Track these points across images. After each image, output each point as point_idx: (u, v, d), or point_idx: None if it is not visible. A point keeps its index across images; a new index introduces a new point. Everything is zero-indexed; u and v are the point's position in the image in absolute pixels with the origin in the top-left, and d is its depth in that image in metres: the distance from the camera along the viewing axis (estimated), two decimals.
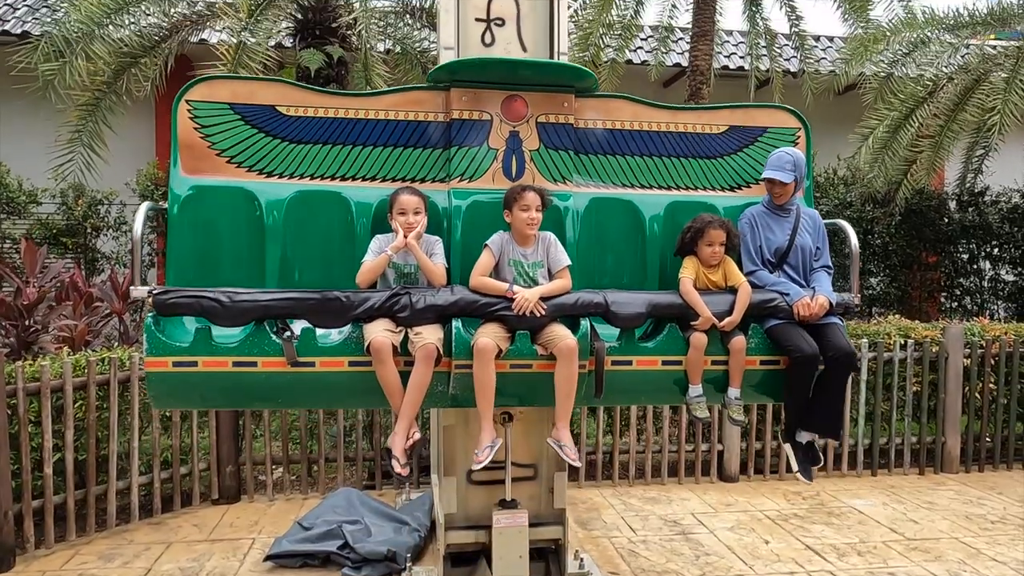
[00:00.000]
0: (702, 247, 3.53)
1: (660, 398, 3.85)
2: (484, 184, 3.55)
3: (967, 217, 10.79)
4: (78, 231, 8.99)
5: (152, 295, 3.08)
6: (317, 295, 3.17)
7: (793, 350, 3.42)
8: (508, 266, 3.36)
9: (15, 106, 9.24)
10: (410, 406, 3.16)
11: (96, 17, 6.96)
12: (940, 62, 9.71)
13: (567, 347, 3.15)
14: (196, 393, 3.27)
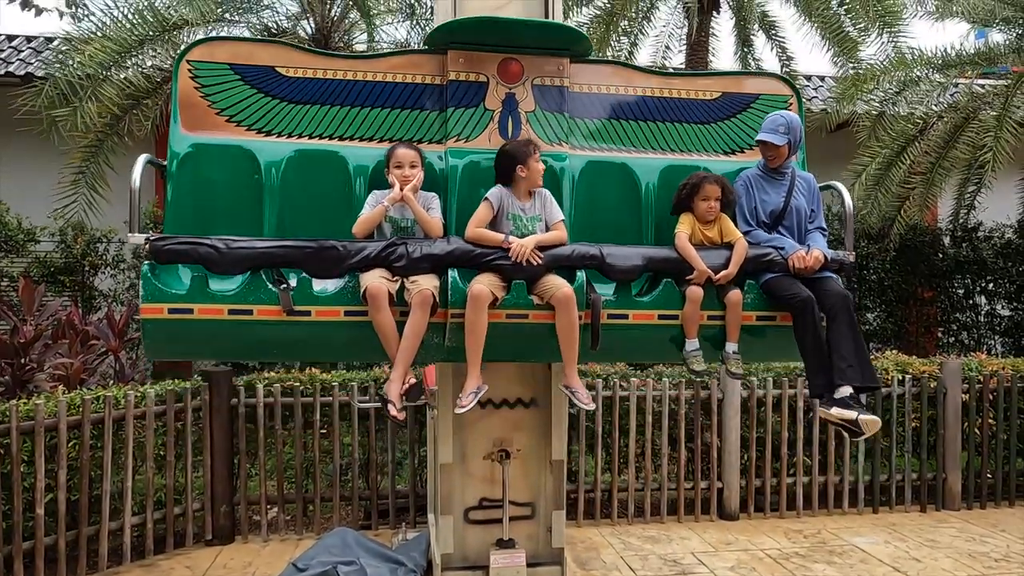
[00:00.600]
0: (698, 203, 3.56)
1: (657, 354, 3.84)
2: (480, 144, 3.59)
3: (961, 252, 10.86)
4: (76, 269, 9.00)
5: (149, 242, 3.09)
6: (313, 243, 3.19)
7: (790, 297, 3.42)
8: (506, 219, 3.40)
9: (16, 146, 9.34)
10: (406, 352, 3.13)
11: (105, 60, 7.07)
12: (930, 100, 9.88)
13: (564, 295, 3.18)
14: (191, 342, 3.26)
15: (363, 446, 5.85)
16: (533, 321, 3.28)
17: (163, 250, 3.09)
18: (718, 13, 8.91)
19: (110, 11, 7.21)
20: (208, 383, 5.53)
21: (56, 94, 7.20)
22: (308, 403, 5.73)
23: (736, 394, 6.20)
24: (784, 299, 3.44)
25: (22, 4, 10.13)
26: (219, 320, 3.13)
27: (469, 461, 3.97)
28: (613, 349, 3.50)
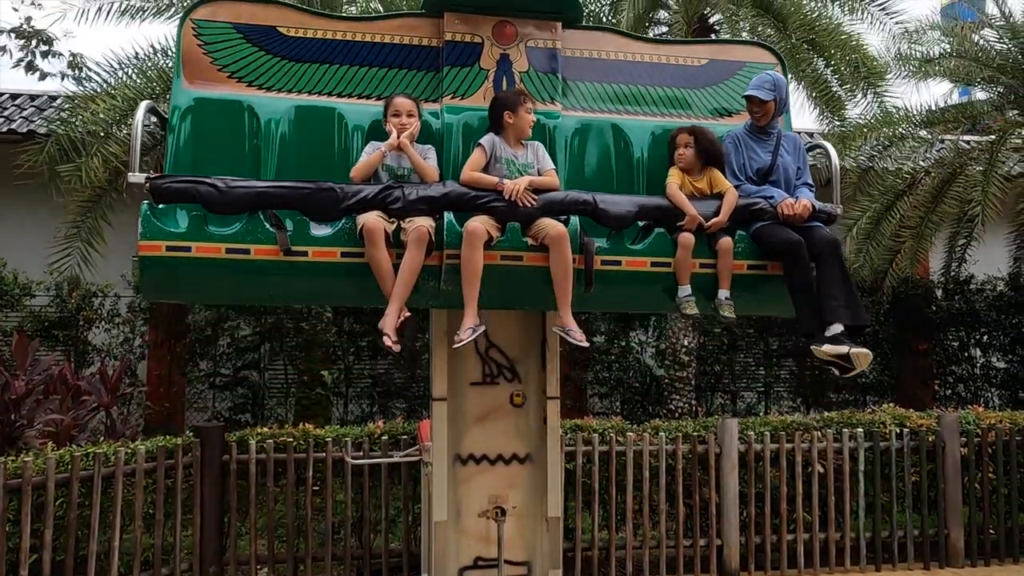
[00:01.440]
0: (675, 154, 3.73)
1: (650, 302, 3.87)
2: (475, 102, 3.73)
3: (954, 305, 10.93)
4: (71, 323, 8.99)
5: (149, 180, 3.14)
6: (311, 185, 3.25)
7: (781, 242, 3.52)
8: (499, 164, 3.51)
9: (14, 201, 9.41)
10: (401, 288, 3.20)
11: (108, 118, 7.20)
12: (917, 156, 10.07)
13: (558, 232, 3.27)
14: (188, 281, 3.29)
15: (356, 503, 5.75)
16: (527, 264, 3.37)
17: (162, 188, 3.15)
18: None
19: (114, 71, 7.35)
20: (200, 439, 5.46)
21: (57, 150, 7.30)
22: (301, 459, 5.65)
23: (734, 448, 6.14)
24: (774, 244, 3.54)
25: (27, 67, 10.38)
26: (216, 259, 3.18)
27: (464, 518, 3.91)
28: (607, 297, 3.58)
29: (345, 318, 9.62)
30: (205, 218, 3.21)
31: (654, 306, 3.96)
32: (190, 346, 9.48)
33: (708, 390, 10.48)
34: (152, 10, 7.57)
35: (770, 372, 10.87)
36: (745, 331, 10.49)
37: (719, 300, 3.55)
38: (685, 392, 8.63)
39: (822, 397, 10.59)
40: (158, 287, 3.36)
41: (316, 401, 8.25)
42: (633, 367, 10.28)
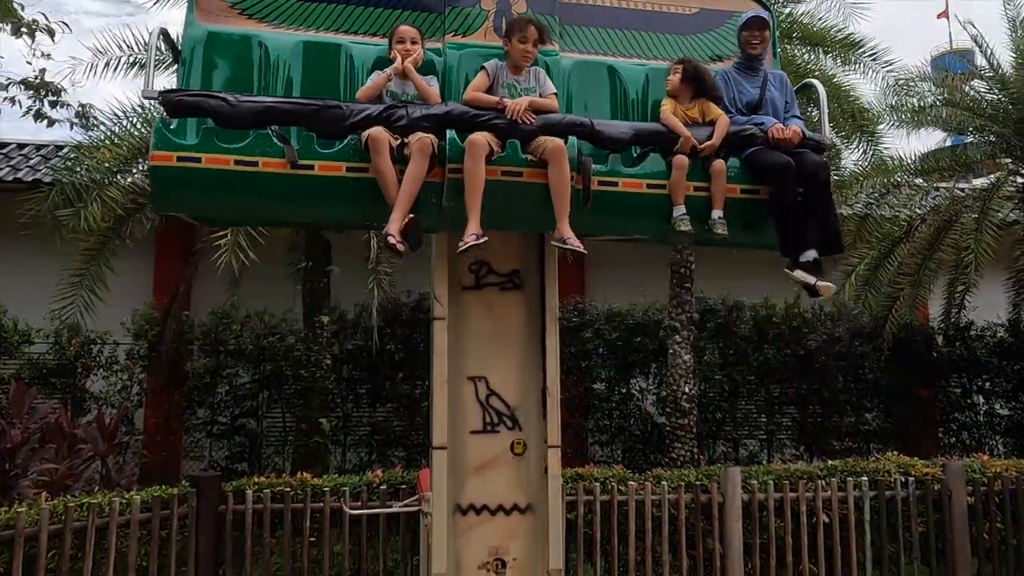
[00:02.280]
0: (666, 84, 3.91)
1: (647, 225, 3.88)
2: (477, 39, 3.92)
3: (955, 351, 10.90)
4: (69, 371, 8.95)
5: (163, 94, 3.27)
6: (318, 102, 3.39)
7: (771, 163, 3.66)
8: (501, 88, 3.65)
9: (17, 248, 9.47)
10: (405, 196, 3.29)
11: (112, 167, 7.29)
12: (913, 204, 10.18)
13: (556, 146, 3.41)
14: (197, 192, 3.36)
15: (354, 555, 5.65)
16: (527, 180, 3.48)
17: (175, 102, 3.28)
18: None
19: (119, 121, 7.47)
20: (196, 489, 5.39)
21: (61, 199, 7.37)
22: (298, 509, 5.57)
23: (737, 498, 6.05)
24: (765, 166, 3.68)
25: (35, 116, 10.54)
26: (225, 170, 3.28)
27: (464, 571, 3.84)
28: (604, 218, 3.71)
29: (344, 365, 9.59)
30: (215, 133, 3.32)
31: (651, 230, 4.00)
32: (188, 393, 9.42)
33: (710, 438, 10.37)
34: (159, 64, 7.73)
35: (772, 419, 10.78)
36: (746, 378, 10.44)
37: (713, 220, 3.68)
38: (687, 440, 8.55)
39: (825, 445, 10.47)
40: (168, 198, 3.46)
41: (314, 450, 8.16)
42: (634, 415, 10.20)
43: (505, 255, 4.17)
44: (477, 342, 4.10)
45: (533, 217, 3.59)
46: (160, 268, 10.36)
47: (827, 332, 10.63)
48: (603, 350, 10.14)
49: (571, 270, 9.42)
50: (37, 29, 8.76)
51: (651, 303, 10.24)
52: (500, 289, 4.17)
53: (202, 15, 3.76)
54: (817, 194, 3.69)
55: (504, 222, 3.70)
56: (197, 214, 3.90)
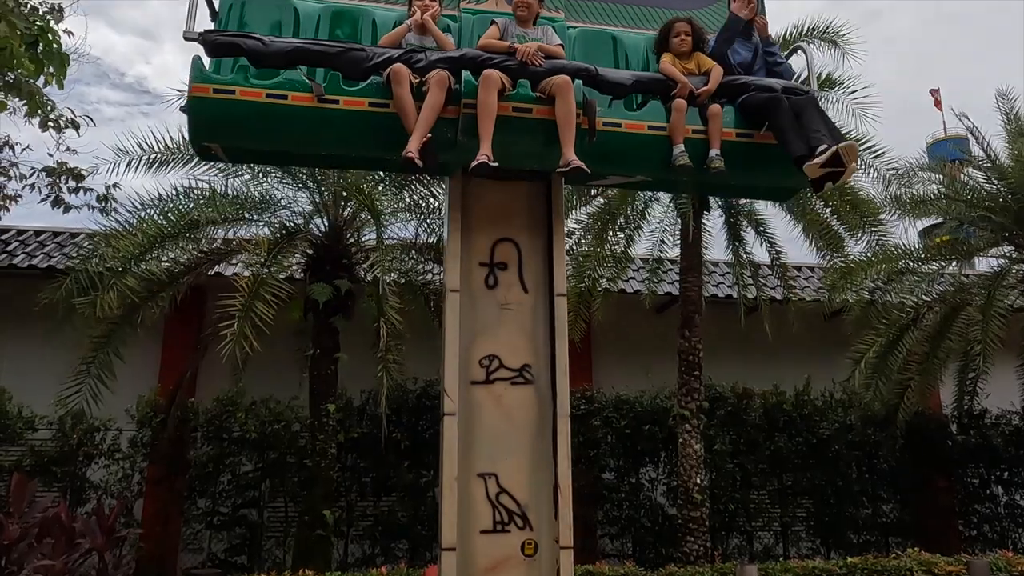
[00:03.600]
0: (671, 40, 4.28)
1: (649, 164, 4.16)
2: (489, 7, 4.31)
3: (970, 440, 10.69)
4: (70, 459, 8.83)
5: (202, 34, 3.65)
6: (344, 44, 3.81)
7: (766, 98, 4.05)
8: (511, 39, 4.00)
9: (27, 335, 9.52)
10: (424, 121, 3.62)
11: (128, 255, 7.41)
12: (919, 291, 10.20)
13: (563, 81, 3.74)
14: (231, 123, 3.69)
15: None
16: (536, 116, 3.79)
17: (214, 41, 3.67)
18: (709, 212, 9.44)
19: (138, 211, 7.64)
20: None
21: (76, 287, 7.45)
22: None
23: None
24: (760, 101, 4.05)
25: (53, 202, 10.77)
26: (257, 101, 3.61)
27: None
28: (608, 158, 4.01)
29: (349, 453, 9.44)
30: (248, 69, 3.65)
31: (653, 169, 4.26)
32: (189, 482, 9.25)
33: (723, 530, 10.07)
34: (178, 161, 8.01)
35: (786, 511, 10.49)
36: (758, 467, 10.22)
37: (710, 157, 3.96)
38: (699, 533, 8.30)
39: (842, 538, 10.15)
40: (205, 128, 3.74)
41: (316, 543, 7.93)
42: (644, 506, 9.95)
43: (515, 349, 4.18)
44: (487, 438, 4.05)
45: (540, 153, 3.88)
46: (167, 355, 10.36)
47: (839, 420, 10.47)
48: (612, 438, 9.99)
49: (578, 357, 9.38)
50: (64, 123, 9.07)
51: (659, 390, 10.16)
52: (510, 383, 4.15)
53: None
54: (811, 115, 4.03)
55: (514, 157, 3.94)
56: (230, 144, 4.14)
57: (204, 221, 7.85)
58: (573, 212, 9.55)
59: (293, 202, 8.66)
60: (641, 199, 9.79)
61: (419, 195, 8.93)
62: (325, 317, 8.31)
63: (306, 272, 8.65)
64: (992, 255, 10.18)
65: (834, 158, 3.82)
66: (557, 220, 4.34)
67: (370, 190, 8.27)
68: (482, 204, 4.31)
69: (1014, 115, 10.02)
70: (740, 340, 10.44)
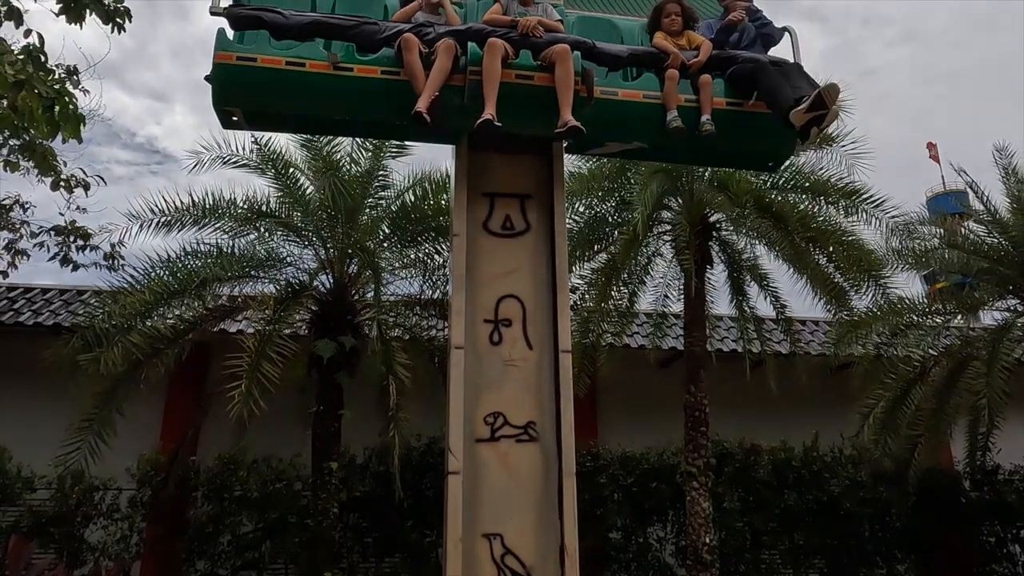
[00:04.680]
0: (663, 20, 4.61)
1: (644, 130, 4.43)
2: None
3: (984, 496, 10.48)
4: (68, 519, 8.69)
5: (227, 8, 3.98)
6: (358, 18, 4.13)
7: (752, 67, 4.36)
8: (512, 15, 4.27)
9: (30, 394, 9.49)
10: (432, 83, 3.89)
11: (134, 312, 7.44)
12: (925, 344, 10.14)
13: (562, 48, 4.04)
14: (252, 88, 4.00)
15: None
16: (537, 83, 4.08)
17: (238, 14, 3.98)
18: (712, 266, 9.47)
19: (145, 270, 7.69)
20: None
21: (81, 344, 7.45)
22: None
23: None
24: (746, 69, 4.35)
25: (62, 260, 10.89)
26: (277, 68, 3.92)
27: None
28: (607, 124, 4.30)
29: (351, 513, 9.28)
30: (269, 40, 3.95)
31: (649, 135, 4.53)
32: (189, 543, 9.08)
33: None
34: (188, 222, 8.14)
35: (799, 571, 10.21)
36: (769, 526, 10.00)
37: (702, 122, 4.24)
38: None
39: None
40: (228, 92, 4.02)
41: None
42: (653, 566, 9.71)
43: (520, 406, 4.15)
44: (492, 497, 4.00)
45: (542, 118, 4.07)
46: (170, 412, 10.29)
47: (849, 476, 10.30)
48: (618, 496, 9.81)
49: (583, 414, 9.30)
50: (75, 183, 9.24)
51: (665, 446, 10.03)
52: (516, 441, 4.12)
53: None
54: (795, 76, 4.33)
55: (517, 123, 4.13)
56: (251, 108, 4.35)
57: (211, 279, 7.90)
58: (577, 268, 9.59)
59: (299, 259, 8.72)
60: (644, 254, 9.84)
61: (424, 252, 9.00)
62: (329, 374, 8.28)
63: (310, 329, 8.66)
64: (997, 308, 10.14)
65: (817, 101, 4.11)
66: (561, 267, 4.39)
67: (375, 247, 8.34)
68: (487, 260, 4.35)
69: (1012, 169, 10.13)
70: (746, 395, 10.34)
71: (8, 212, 11.29)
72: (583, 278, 9.79)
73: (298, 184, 8.59)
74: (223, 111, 4.34)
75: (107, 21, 6.78)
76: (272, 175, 8.48)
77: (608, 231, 9.57)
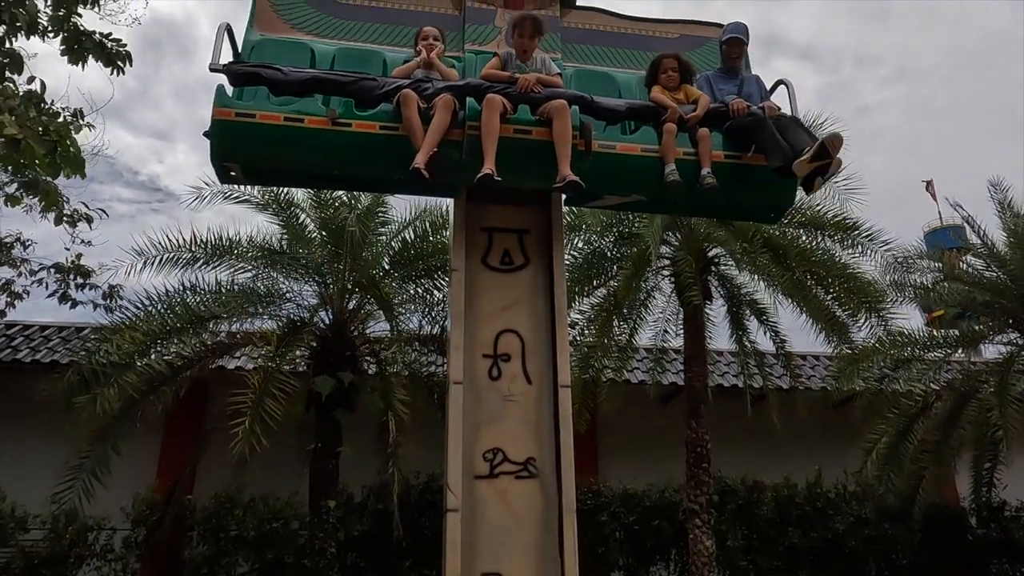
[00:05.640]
0: (660, 76, 4.64)
1: (642, 183, 4.42)
2: (491, 48, 4.65)
3: (991, 533, 10.33)
4: (61, 561, 8.55)
5: (226, 65, 4.01)
6: (357, 74, 4.17)
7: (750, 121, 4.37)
8: (511, 70, 4.30)
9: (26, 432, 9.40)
10: (430, 138, 3.89)
11: (132, 350, 7.41)
12: (926, 378, 10.09)
13: (561, 104, 4.05)
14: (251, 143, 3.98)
15: None
16: (535, 137, 4.08)
17: (237, 71, 4.05)
18: (711, 301, 9.47)
19: (144, 307, 7.67)
20: None
21: (77, 381, 7.40)
22: None
23: None
24: (744, 124, 4.35)
25: (60, 298, 10.87)
26: (276, 124, 3.92)
27: None
28: (606, 177, 4.29)
29: (349, 552, 9.13)
30: (268, 98, 3.98)
31: (647, 189, 4.50)
32: None
33: None
34: (191, 261, 8.16)
35: None
36: (773, 564, 9.83)
37: (702, 176, 4.23)
38: None
39: None
40: (227, 148, 4.01)
41: None
42: None
43: (520, 441, 4.11)
44: (491, 535, 3.94)
45: (540, 172, 4.06)
46: (167, 449, 10.19)
47: (853, 513, 10.16)
48: (620, 534, 9.67)
49: (583, 449, 9.21)
50: (79, 219, 9.28)
51: (667, 483, 9.91)
52: (515, 477, 4.07)
53: (260, 26, 4.63)
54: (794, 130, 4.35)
55: (516, 177, 4.10)
56: (249, 163, 4.33)
57: (210, 316, 7.88)
58: (576, 303, 9.58)
59: (298, 295, 8.72)
60: (643, 289, 9.84)
61: (423, 287, 9.00)
62: (327, 411, 8.22)
63: (309, 365, 8.61)
64: (998, 342, 10.12)
65: (821, 151, 4.12)
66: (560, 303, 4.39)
67: (378, 281, 8.35)
68: (485, 295, 4.35)
69: (1008, 204, 10.20)
70: (748, 430, 10.26)
71: (9, 250, 11.32)
72: (582, 313, 9.77)
73: (299, 220, 8.64)
74: (221, 166, 4.32)
75: (108, 64, 6.87)
76: (273, 211, 8.53)
77: (607, 266, 9.58)
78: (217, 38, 4.23)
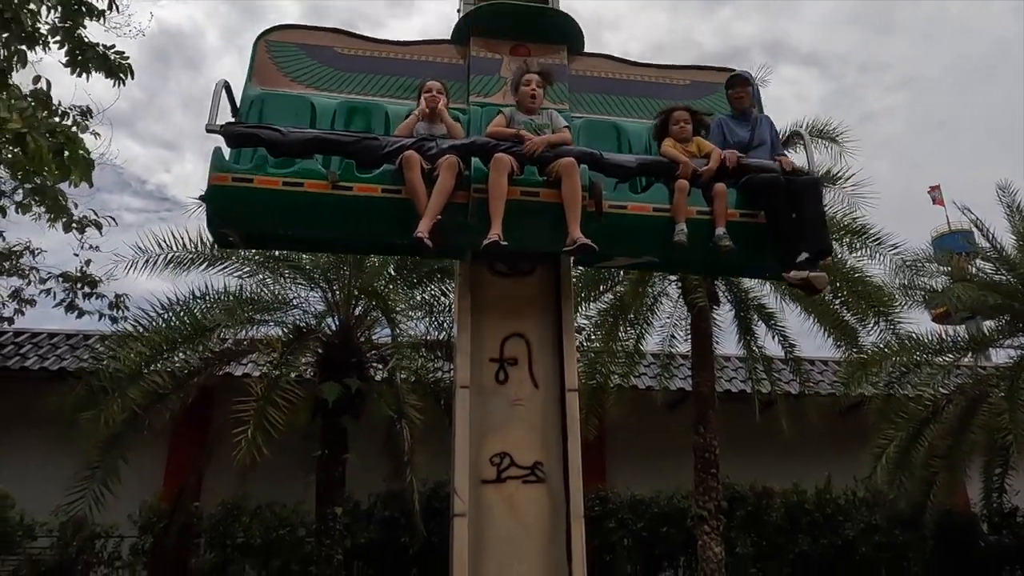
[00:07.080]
0: (671, 128, 4.43)
1: (654, 244, 4.22)
2: (497, 100, 4.50)
3: (1003, 540, 10.22)
4: (68, 569, 8.54)
5: (223, 126, 3.81)
6: (359, 134, 4.00)
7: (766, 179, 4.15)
8: (517, 126, 4.15)
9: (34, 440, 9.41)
10: (434, 204, 3.74)
11: (138, 360, 7.40)
12: (936, 383, 10.01)
13: (569, 162, 3.89)
14: (249, 208, 3.81)
15: None
16: (543, 200, 3.92)
17: (234, 132, 3.84)
18: (718, 306, 9.42)
19: (151, 319, 7.66)
20: None
21: (85, 390, 7.41)
22: None
23: None
24: (760, 181, 4.15)
25: (67, 307, 10.92)
26: (274, 189, 3.76)
27: None
28: (615, 238, 4.08)
29: (356, 561, 9.10)
30: (266, 159, 3.83)
31: (658, 249, 4.31)
32: None
33: None
34: (196, 262, 8.14)
35: None
36: (783, 571, 9.74)
37: (717, 236, 4.04)
38: None
39: None
40: (224, 214, 3.89)
41: None
42: None
43: (527, 446, 4.09)
44: (498, 541, 3.91)
45: (549, 235, 3.94)
46: (173, 457, 10.19)
47: (863, 520, 10.07)
48: (628, 541, 9.60)
49: (591, 455, 9.16)
50: (87, 225, 9.32)
51: (675, 490, 9.84)
52: (522, 482, 4.05)
53: (258, 80, 4.49)
54: (808, 203, 4.14)
55: (523, 241, 4.00)
56: (247, 229, 4.19)
57: (216, 324, 7.87)
58: (583, 308, 9.55)
59: (305, 302, 8.71)
60: (650, 295, 9.80)
61: (430, 293, 8.98)
62: (333, 417, 8.19)
63: (315, 372, 8.60)
64: (1008, 346, 10.03)
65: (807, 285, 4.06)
66: (567, 307, 4.38)
67: (383, 289, 8.33)
68: (492, 299, 4.34)
69: (1016, 207, 10.13)
70: (756, 436, 10.19)
71: (18, 258, 11.38)
72: (589, 319, 9.74)
73: None
74: (219, 232, 4.22)
75: (110, 75, 6.90)
76: None
77: (614, 271, 9.55)
78: (215, 96, 4.08)
